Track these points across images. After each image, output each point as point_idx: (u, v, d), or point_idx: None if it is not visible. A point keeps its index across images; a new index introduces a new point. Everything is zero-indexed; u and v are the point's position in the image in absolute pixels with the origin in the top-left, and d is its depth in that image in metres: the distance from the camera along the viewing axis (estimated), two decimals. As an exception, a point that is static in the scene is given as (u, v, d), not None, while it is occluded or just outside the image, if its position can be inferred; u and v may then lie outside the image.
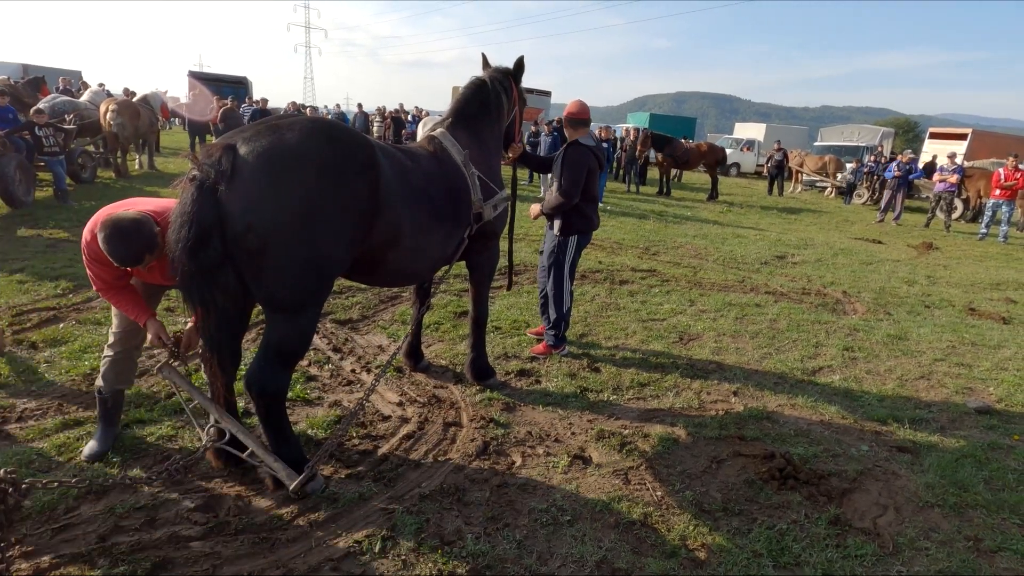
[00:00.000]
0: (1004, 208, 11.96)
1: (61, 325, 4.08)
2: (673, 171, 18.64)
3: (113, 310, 2.64)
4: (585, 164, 3.85)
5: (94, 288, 2.50)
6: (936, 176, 13.42)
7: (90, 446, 2.67)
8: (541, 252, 4.29)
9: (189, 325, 2.61)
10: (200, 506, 2.39)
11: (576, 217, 3.96)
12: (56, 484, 2.04)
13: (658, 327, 4.93)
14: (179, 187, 2.09)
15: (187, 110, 15.98)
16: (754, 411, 3.54)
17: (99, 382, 2.70)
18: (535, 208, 4.08)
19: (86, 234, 2.38)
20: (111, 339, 2.68)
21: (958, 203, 14.38)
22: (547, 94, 23.28)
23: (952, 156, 13.64)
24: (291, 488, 2.29)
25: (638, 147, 15.10)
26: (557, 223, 3.96)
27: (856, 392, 3.94)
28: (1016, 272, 8.77)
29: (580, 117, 3.95)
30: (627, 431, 3.21)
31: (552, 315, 4.09)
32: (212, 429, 2.49)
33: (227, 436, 2.45)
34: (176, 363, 2.64)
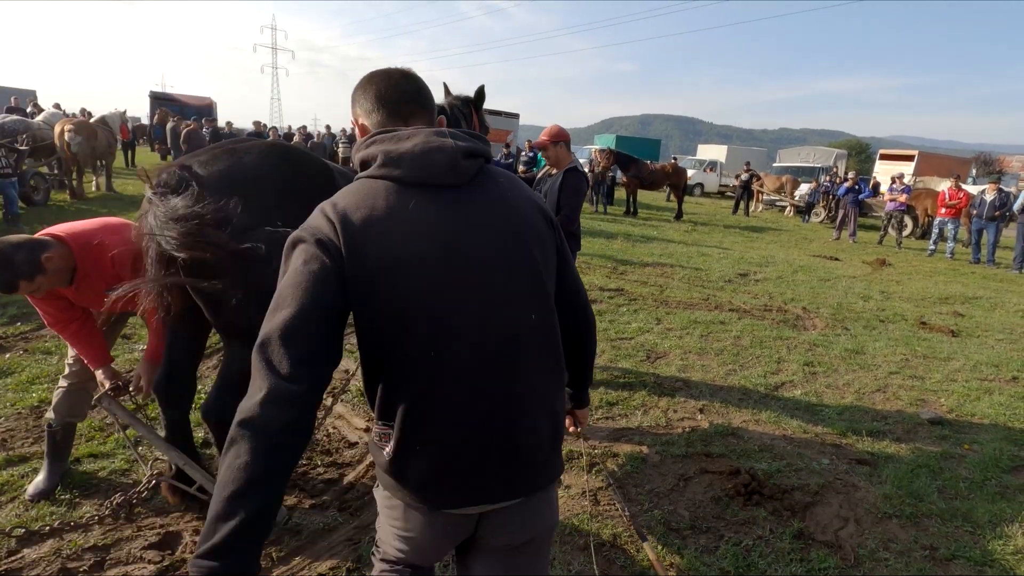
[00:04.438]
0: (950, 226, 12.60)
1: (7, 355, 3.90)
2: (661, 192, 19.13)
3: None
4: (583, 191, 3.92)
5: (46, 322, 2.37)
6: (887, 196, 14.08)
7: (35, 484, 2.53)
8: None
9: (144, 358, 2.48)
10: (155, 543, 2.28)
11: (568, 238, 3.98)
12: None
13: (626, 346, 4.99)
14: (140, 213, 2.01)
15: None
16: (720, 428, 3.60)
17: (49, 414, 2.55)
18: None
19: None
20: (67, 369, 2.55)
21: (908, 221, 15.10)
22: (515, 116, 23.64)
23: (900, 177, 14.34)
24: None
25: (602, 165, 15.54)
26: None
27: (816, 406, 4.05)
28: (962, 286, 9.21)
29: (564, 139, 3.93)
30: (596, 451, 3.22)
31: None
32: (159, 463, 2.39)
33: (174, 470, 2.36)
34: (121, 396, 2.50)
